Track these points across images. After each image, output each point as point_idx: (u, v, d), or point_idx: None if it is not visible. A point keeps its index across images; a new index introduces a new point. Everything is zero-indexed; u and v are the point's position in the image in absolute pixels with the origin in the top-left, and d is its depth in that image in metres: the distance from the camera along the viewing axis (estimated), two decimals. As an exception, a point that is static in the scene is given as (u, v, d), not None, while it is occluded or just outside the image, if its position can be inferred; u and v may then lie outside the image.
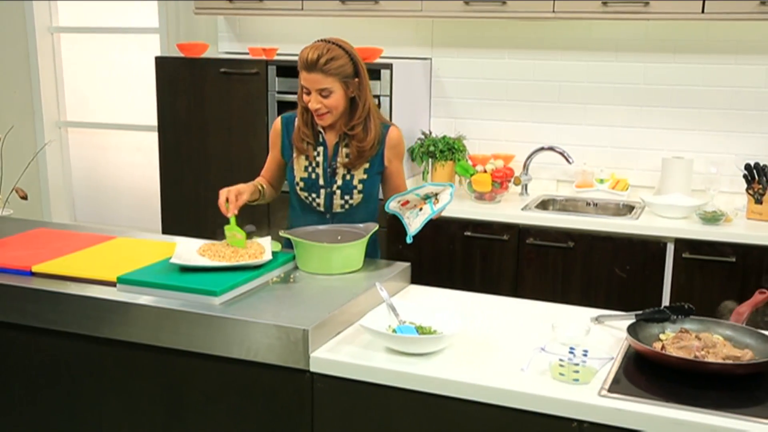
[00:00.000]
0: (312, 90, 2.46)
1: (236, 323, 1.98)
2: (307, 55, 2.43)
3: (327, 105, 2.47)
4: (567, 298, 3.38)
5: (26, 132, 5.06)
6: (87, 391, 2.22)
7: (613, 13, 3.50)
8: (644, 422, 1.68)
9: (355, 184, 2.60)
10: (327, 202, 2.62)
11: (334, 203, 2.62)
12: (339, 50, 2.45)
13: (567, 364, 1.79)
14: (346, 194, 2.60)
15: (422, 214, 2.39)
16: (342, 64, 2.45)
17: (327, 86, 2.44)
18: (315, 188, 2.61)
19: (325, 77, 2.43)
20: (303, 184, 2.62)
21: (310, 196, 2.63)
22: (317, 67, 2.41)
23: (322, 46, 2.44)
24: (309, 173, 2.61)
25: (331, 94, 2.46)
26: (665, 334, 2.01)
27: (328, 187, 2.60)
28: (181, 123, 4.12)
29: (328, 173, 2.60)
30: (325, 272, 2.36)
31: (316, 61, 2.41)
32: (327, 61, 2.42)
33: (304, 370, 1.95)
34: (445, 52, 4.10)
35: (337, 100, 2.48)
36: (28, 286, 2.20)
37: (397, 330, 2.00)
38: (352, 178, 2.59)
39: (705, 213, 3.34)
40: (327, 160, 2.59)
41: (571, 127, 3.97)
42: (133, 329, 2.09)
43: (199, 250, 2.35)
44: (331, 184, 2.60)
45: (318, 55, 2.41)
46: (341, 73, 2.45)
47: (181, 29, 4.58)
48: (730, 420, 1.64)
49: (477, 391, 1.81)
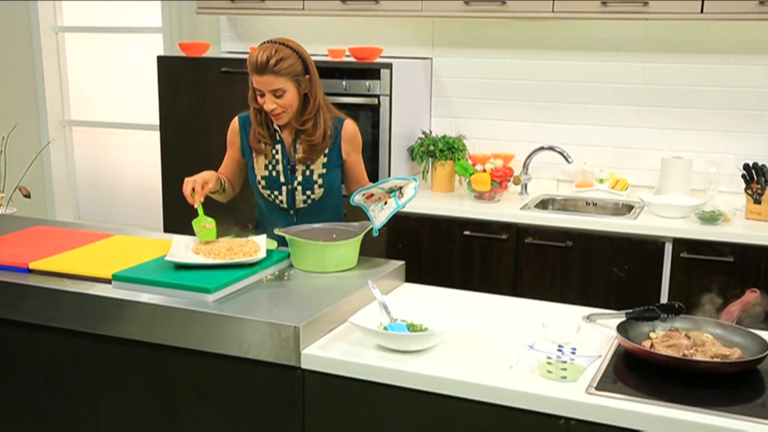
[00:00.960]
0: (265, 92, 2.49)
1: (229, 320, 1.99)
2: (256, 57, 2.44)
3: (282, 105, 2.50)
4: (565, 297, 3.39)
5: (31, 131, 5.10)
6: (82, 387, 2.24)
7: (612, 13, 3.50)
8: (630, 419, 1.69)
9: (315, 179, 2.62)
10: (289, 199, 2.65)
11: (297, 199, 2.64)
12: (287, 50, 2.49)
13: (555, 361, 1.80)
14: (308, 189, 2.63)
15: (387, 208, 2.43)
16: (292, 63, 2.48)
17: (280, 86, 2.47)
18: (276, 186, 2.63)
19: (277, 78, 2.46)
20: (264, 183, 2.65)
21: (273, 194, 2.65)
22: (268, 69, 2.44)
23: (270, 48, 2.46)
24: (269, 171, 2.64)
25: (284, 94, 2.49)
26: (655, 333, 2.01)
27: (288, 183, 2.63)
28: (182, 122, 4.14)
29: (287, 170, 2.62)
30: (320, 270, 2.37)
31: (266, 63, 2.43)
32: (277, 62, 2.44)
33: (296, 366, 1.96)
34: (446, 51, 4.12)
35: (291, 99, 2.51)
36: (25, 283, 2.22)
37: (388, 327, 2.01)
38: (312, 173, 2.62)
39: (703, 213, 3.34)
40: (285, 157, 2.62)
41: (570, 126, 3.97)
42: (128, 326, 2.11)
43: (194, 248, 2.37)
44: (291, 180, 2.63)
45: (267, 57, 2.43)
46: (292, 72, 2.48)
47: (183, 29, 4.61)
48: (716, 418, 1.65)
49: (466, 389, 1.82)
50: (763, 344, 1.89)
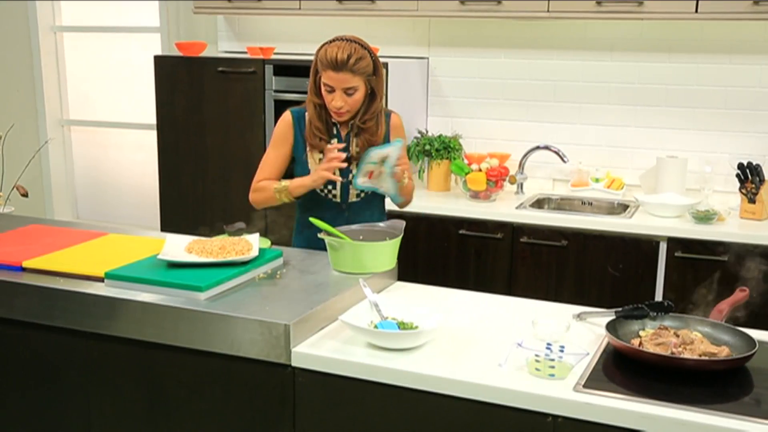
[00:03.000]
0: (337, 88, 2.49)
1: (220, 318, 2.00)
2: (335, 54, 2.45)
3: (349, 103, 2.52)
4: (560, 296, 3.40)
5: (29, 130, 5.11)
6: (74, 385, 2.25)
7: (607, 12, 3.51)
8: (618, 417, 1.69)
9: None
10: (343, 194, 2.65)
11: (350, 193, 2.65)
12: (363, 50, 2.50)
13: (543, 359, 1.81)
14: None
15: (389, 177, 2.50)
16: (367, 63, 2.51)
17: (354, 85, 2.49)
18: (331, 181, 2.60)
19: (353, 76, 2.47)
20: None
21: (326, 188, 2.65)
22: (347, 67, 2.45)
23: (349, 46, 2.47)
24: None
25: (355, 93, 2.51)
26: (645, 331, 2.02)
27: (344, 177, 2.62)
28: (179, 121, 4.16)
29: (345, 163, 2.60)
30: (359, 271, 2.34)
31: (346, 61, 2.44)
32: (356, 60, 2.46)
33: (286, 364, 1.97)
34: (442, 51, 4.12)
35: (359, 98, 2.53)
36: (18, 281, 2.23)
37: (378, 326, 2.02)
38: None
39: (698, 212, 3.34)
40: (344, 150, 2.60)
41: (566, 126, 3.98)
42: (120, 324, 2.12)
43: (187, 246, 2.38)
44: (346, 174, 2.62)
45: (348, 55, 2.45)
46: (366, 72, 2.50)
47: (181, 28, 4.62)
48: (704, 415, 1.65)
49: (454, 386, 1.83)
50: (750, 342, 1.90)
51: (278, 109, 3.94)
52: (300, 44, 4.33)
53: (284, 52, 4.31)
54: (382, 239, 2.43)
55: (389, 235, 2.45)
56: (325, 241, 2.39)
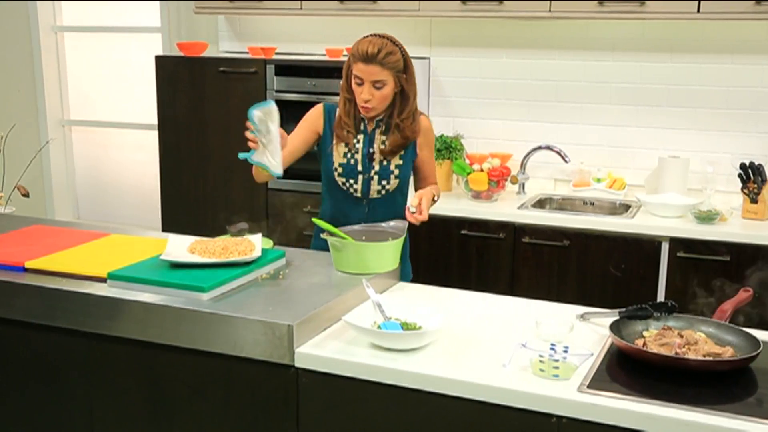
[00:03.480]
0: (366, 81, 2.54)
1: (223, 319, 2.00)
2: (366, 48, 2.51)
3: (377, 97, 2.56)
4: (562, 296, 3.39)
5: (30, 130, 5.11)
6: (77, 386, 2.24)
7: (609, 12, 3.51)
8: (623, 418, 1.69)
9: (392, 170, 2.68)
10: (364, 188, 2.68)
11: (372, 189, 2.68)
12: (394, 46, 2.56)
13: (547, 360, 1.80)
14: (384, 179, 2.67)
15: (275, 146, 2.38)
16: (398, 59, 2.56)
17: (382, 78, 2.54)
18: (353, 174, 2.67)
19: (382, 70, 2.53)
20: (341, 170, 2.68)
21: (348, 181, 2.68)
22: (377, 60, 2.51)
23: (379, 41, 2.54)
24: (348, 159, 2.67)
25: (383, 87, 2.55)
26: (648, 332, 2.02)
27: (366, 173, 2.67)
28: (180, 121, 4.15)
29: (366, 158, 2.66)
30: (362, 271, 2.34)
31: (376, 54, 2.51)
32: (386, 54, 2.52)
33: (289, 365, 1.97)
34: (443, 51, 4.12)
35: (388, 93, 2.58)
36: (21, 282, 2.22)
37: (382, 326, 2.02)
38: (389, 163, 2.67)
39: (700, 212, 3.34)
40: (366, 146, 2.66)
41: (567, 126, 3.98)
42: (122, 324, 2.12)
43: (189, 247, 2.37)
44: (368, 169, 2.67)
45: (378, 48, 2.51)
46: (396, 68, 2.56)
47: (182, 28, 4.62)
48: (708, 416, 1.65)
49: (458, 387, 1.83)
50: (755, 343, 1.90)
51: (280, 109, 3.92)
52: (301, 44, 4.33)
53: (285, 52, 4.31)
54: (385, 239, 2.43)
55: (392, 236, 2.45)
56: (328, 241, 2.39)
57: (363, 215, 2.69)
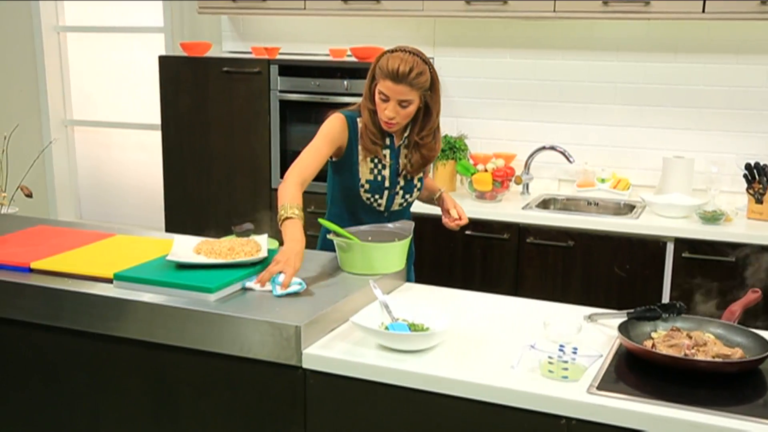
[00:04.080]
0: (392, 99, 2.45)
1: (230, 320, 1.99)
2: (398, 66, 2.40)
3: (402, 114, 2.48)
4: (567, 297, 3.38)
5: (32, 130, 5.10)
6: (83, 387, 2.24)
7: (613, 12, 3.50)
8: (632, 419, 1.68)
9: (415, 183, 2.66)
10: (388, 203, 2.65)
11: (395, 202, 2.66)
12: (424, 65, 2.46)
13: (556, 361, 1.80)
14: (407, 193, 2.66)
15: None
16: (426, 78, 2.46)
17: (410, 98, 2.45)
18: (380, 190, 2.60)
19: (411, 90, 2.43)
20: (368, 186, 2.60)
21: (373, 197, 2.62)
22: (407, 80, 2.41)
23: (411, 60, 2.43)
24: (375, 175, 2.59)
25: (409, 105, 2.47)
26: (657, 333, 2.01)
27: (392, 188, 2.63)
28: (184, 122, 4.15)
29: (394, 174, 2.61)
30: (368, 272, 2.33)
31: (407, 74, 2.40)
32: (417, 75, 2.42)
33: (297, 366, 1.96)
34: (447, 51, 4.11)
35: (412, 111, 2.49)
36: (26, 283, 2.21)
37: (389, 327, 2.01)
38: (412, 178, 2.66)
39: (705, 213, 3.34)
40: (395, 162, 2.61)
41: (571, 126, 3.97)
42: (129, 325, 2.11)
43: (195, 247, 2.36)
44: (395, 185, 2.63)
45: (410, 69, 2.41)
46: (423, 87, 2.47)
47: (185, 28, 4.61)
48: (718, 417, 1.64)
49: (466, 388, 1.82)
50: (764, 344, 1.89)
51: (284, 109, 3.94)
52: (304, 44, 4.32)
53: (288, 52, 4.30)
54: (391, 240, 2.43)
55: (398, 236, 2.45)
56: (334, 242, 2.38)
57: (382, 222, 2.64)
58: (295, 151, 3.92)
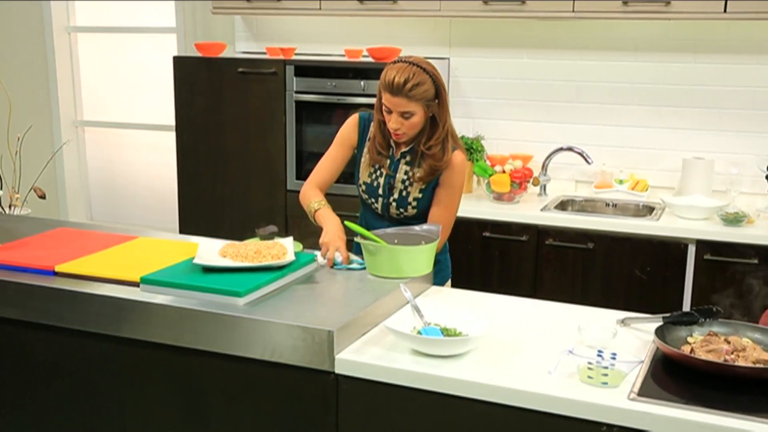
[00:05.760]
0: (394, 111, 2.46)
1: (261, 324, 1.96)
2: (393, 78, 2.40)
3: (406, 126, 2.48)
4: (586, 299, 3.36)
5: (43, 131, 5.08)
6: (109, 392, 2.21)
7: (633, 12, 3.47)
8: (676, 427, 1.65)
9: (410, 201, 2.62)
10: (384, 210, 2.66)
11: (391, 211, 2.65)
12: (424, 75, 2.43)
13: (596, 367, 1.77)
14: (401, 207, 2.63)
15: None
16: (426, 89, 2.44)
17: (410, 110, 2.44)
18: (374, 195, 2.65)
19: (409, 102, 2.42)
20: (365, 188, 2.67)
21: (370, 199, 2.67)
22: (403, 92, 2.40)
23: (408, 70, 2.41)
24: (371, 179, 2.65)
25: (412, 117, 2.46)
26: (693, 337, 1.98)
27: (385, 198, 2.64)
28: (198, 122, 4.12)
29: (386, 186, 2.62)
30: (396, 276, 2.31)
31: (402, 86, 2.39)
32: (413, 86, 2.40)
33: (329, 371, 1.93)
34: (463, 51, 4.09)
35: (417, 122, 2.48)
36: (52, 286, 2.19)
37: (422, 332, 1.98)
38: (408, 195, 2.61)
39: (727, 214, 3.31)
40: (390, 175, 2.62)
41: (589, 127, 3.94)
42: (156, 329, 2.08)
43: (220, 250, 2.34)
44: (387, 196, 2.63)
45: (405, 80, 2.39)
46: (425, 98, 2.44)
47: (198, 29, 4.58)
48: (763, 425, 1.62)
49: (504, 394, 1.79)
50: (805, 349, 1.87)
51: (300, 110, 3.91)
52: (319, 44, 4.29)
53: (303, 52, 4.28)
54: (418, 243, 2.40)
55: (425, 239, 2.42)
56: (361, 245, 2.36)
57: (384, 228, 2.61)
58: (310, 152, 3.91)
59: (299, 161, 3.95)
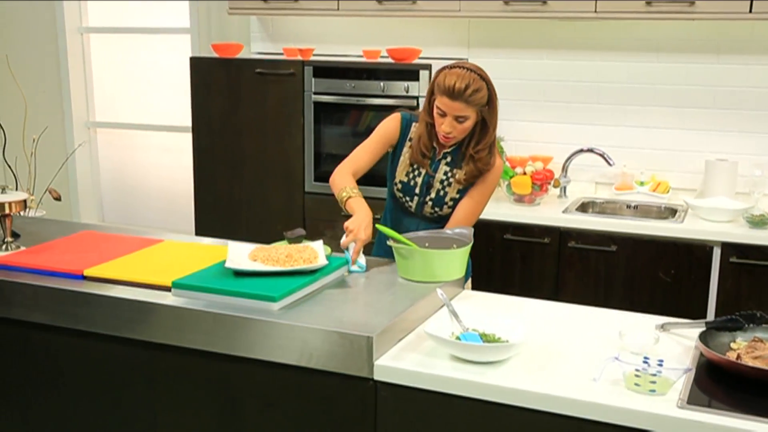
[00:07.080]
0: (449, 115, 2.47)
1: (297, 329, 1.93)
2: (454, 83, 2.42)
3: (459, 129, 2.50)
4: (609, 302, 3.32)
5: (56, 132, 5.04)
6: (141, 397, 2.18)
7: (657, 13, 3.44)
8: (726, 435, 1.63)
9: (446, 201, 2.63)
10: (418, 209, 2.66)
11: (425, 211, 2.66)
12: (481, 81, 2.47)
13: (643, 374, 1.74)
14: (437, 206, 2.63)
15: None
16: (483, 95, 2.48)
17: (465, 114, 2.47)
18: (410, 193, 2.65)
19: (467, 107, 2.45)
20: (400, 186, 2.66)
21: (405, 198, 2.67)
22: (463, 98, 2.43)
23: (468, 77, 2.44)
24: (409, 179, 2.64)
25: (465, 121, 2.49)
26: (736, 343, 1.95)
27: (421, 197, 2.64)
28: (215, 124, 4.09)
29: (424, 185, 2.62)
30: (429, 280, 2.29)
31: (463, 91, 2.42)
32: (473, 92, 2.43)
33: (368, 378, 1.90)
34: (482, 52, 4.05)
35: (468, 127, 2.51)
36: (81, 290, 2.16)
37: (461, 337, 1.95)
38: (445, 195, 2.62)
39: (753, 216, 3.28)
40: (429, 174, 2.62)
41: (610, 128, 3.91)
42: (189, 335, 2.05)
43: (250, 254, 2.31)
44: (424, 195, 2.64)
45: (466, 86, 2.42)
46: (480, 104, 2.48)
47: (212, 29, 4.54)
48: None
49: (548, 401, 1.76)
50: None
51: (318, 111, 3.88)
52: (337, 45, 4.26)
53: (320, 53, 4.24)
54: (449, 246, 2.37)
55: (457, 243, 2.39)
56: (393, 248, 2.33)
57: (415, 227, 2.64)
58: (329, 154, 3.88)
59: (317, 163, 3.91)
